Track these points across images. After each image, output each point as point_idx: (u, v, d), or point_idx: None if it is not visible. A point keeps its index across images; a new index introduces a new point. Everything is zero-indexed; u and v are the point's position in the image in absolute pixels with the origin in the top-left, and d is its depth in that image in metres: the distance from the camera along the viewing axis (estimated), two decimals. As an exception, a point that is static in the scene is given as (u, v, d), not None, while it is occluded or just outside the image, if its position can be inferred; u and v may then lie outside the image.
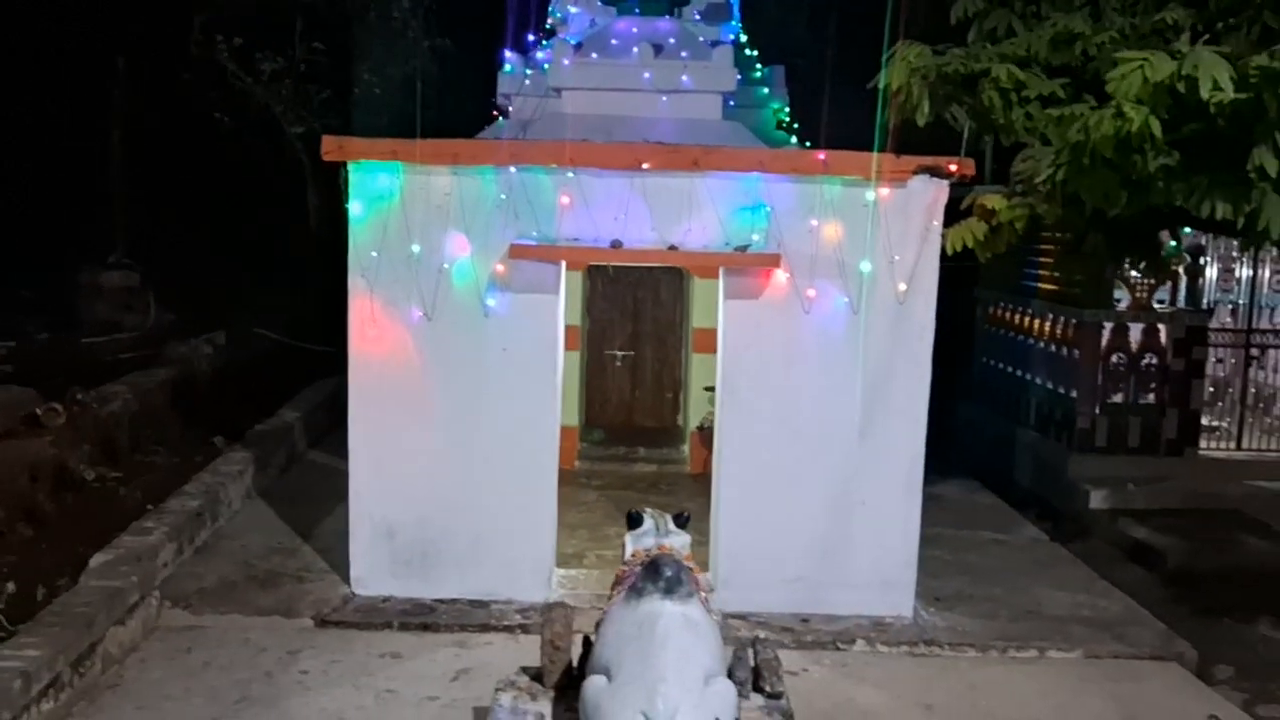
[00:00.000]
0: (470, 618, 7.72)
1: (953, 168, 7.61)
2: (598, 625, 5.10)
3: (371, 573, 7.98)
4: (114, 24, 16.23)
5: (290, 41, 15.48)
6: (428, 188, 7.59)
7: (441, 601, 7.90)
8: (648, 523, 5.50)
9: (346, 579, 8.10)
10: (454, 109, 14.25)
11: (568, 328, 12.03)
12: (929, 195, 7.70)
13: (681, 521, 5.60)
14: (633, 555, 5.34)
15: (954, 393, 15.44)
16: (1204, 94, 5.72)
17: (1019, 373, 13.43)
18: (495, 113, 12.30)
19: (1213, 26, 6.87)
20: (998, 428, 13.72)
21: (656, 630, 4.63)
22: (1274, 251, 11.80)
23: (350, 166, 7.59)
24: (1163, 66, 5.84)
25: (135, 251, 18.06)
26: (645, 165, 7.55)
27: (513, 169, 7.55)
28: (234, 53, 15.26)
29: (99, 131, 18.23)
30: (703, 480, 9.96)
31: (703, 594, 5.22)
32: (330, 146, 7.51)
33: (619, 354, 13.17)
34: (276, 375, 14.38)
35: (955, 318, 15.89)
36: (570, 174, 7.56)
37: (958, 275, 14.63)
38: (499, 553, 7.91)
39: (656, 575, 4.89)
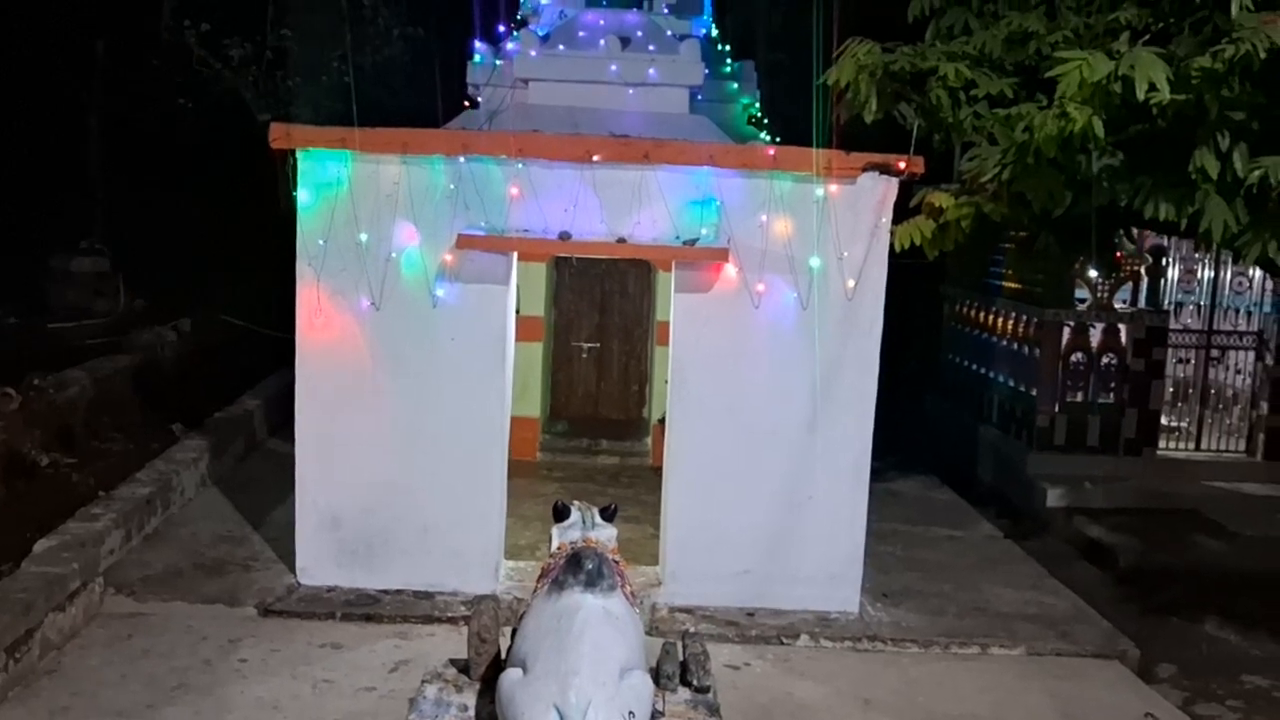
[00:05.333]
0: (414, 609, 7.70)
1: (902, 165, 7.61)
2: (520, 617, 5.11)
3: (317, 562, 7.96)
4: (84, 8, 16.12)
5: (259, 28, 15.39)
6: (376, 176, 7.56)
7: (386, 592, 7.89)
8: (574, 515, 5.50)
9: (293, 568, 8.07)
10: (425, 98, 14.20)
11: (533, 319, 12.19)
12: (878, 192, 7.70)
13: (609, 514, 5.60)
14: (558, 548, 5.35)
15: (921, 389, 15.53)
16: (1139, 94, 5.73)
17: (982, 370, 13.49)
18: (466, 103, 12.29)
19: (1166, 26, 6.88)
20: (961, 424, 13.79)
21: (574, 623, 4.63)
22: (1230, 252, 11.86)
23: (298, 154, 7.56)
24: (1100, 66, 5.85)
25: (107, 237, 18.00)
26: (595, 157, 7.53)
27: (462, 159, 7.53)
28: (202, 39, 15.16)
29: (71, 117, 18.13)
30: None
31: (628, 587, 5.23)
32: (278, 134, 7.47)
33: (585, 346, 13.17)
34: (242, 362, 14.35)
35: (923, 314, 16.01)
36: (520, 165, 7.54)
37: (926, 272, 14.72)
38: (445, 544, 7.89)
39: (578, 568, 4.89)
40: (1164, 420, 12.29)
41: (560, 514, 5.56)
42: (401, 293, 7.69)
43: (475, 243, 7.52)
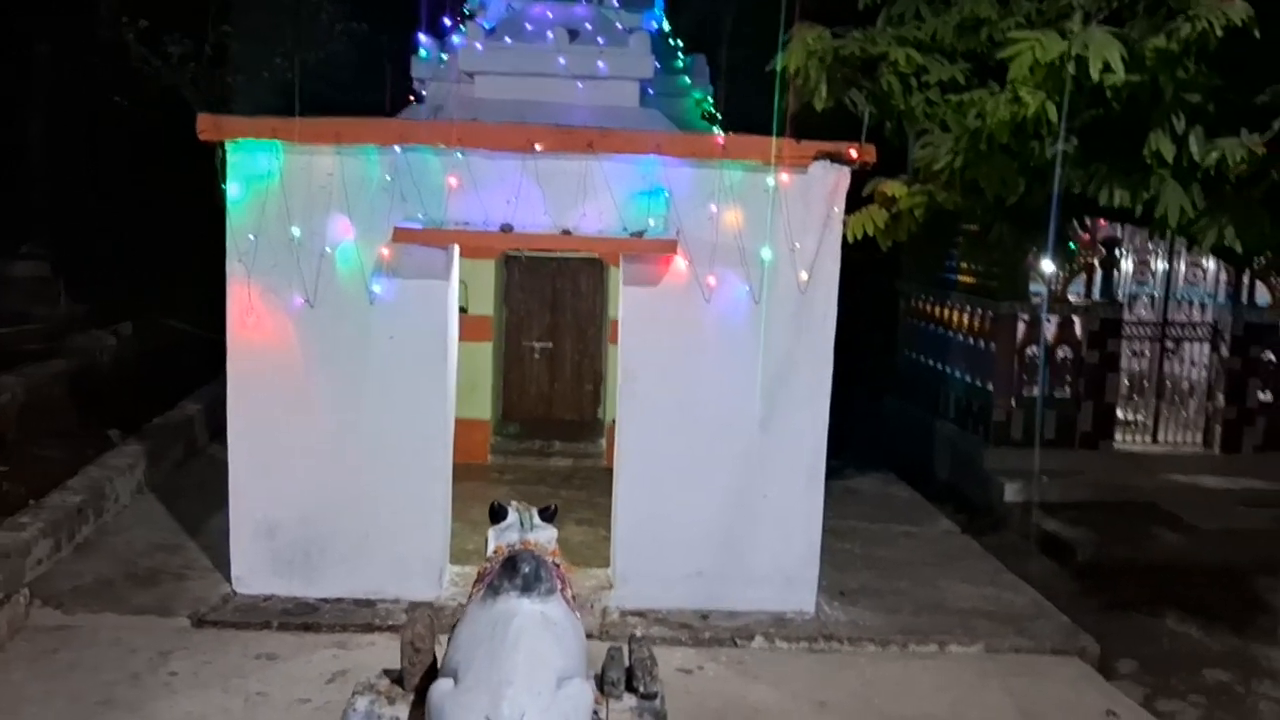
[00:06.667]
0: (354, 617, 7.42)
1: (854, 154, 7.43)
2: (454, 626, 4.85)
3: (253, 571, 7.66)
4: (19, 7, 15.68)
5: (200, 24, 15.02)
6: (309, 168, 7.27)
7: (326, 601, 7.59)
8: (512, 516, 5.24)
9: (229, 577, 7.76)
10: (371, 95, 13.90)
11: (482, 318, 11.92)
12: (830, 182, 7.52)
13: (548, 515, 5.34)
14: (495, 551, 5.10)
15: (879, 387, 15.41)
16: (1093, 74, 5.59)
17: (939, 365, 13.37)
18: (412, 98, 12.01)
19: (1118, 9, 6.75)
20: (918, 420, 13.66)
21: (509, 630, 4.39)
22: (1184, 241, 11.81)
23: (228, 146, 7.27)
24: (1053, 46, 5.70)
25: (47, 241, 17.55)
26: (538, 147, 7.29)
27: (398, 149, 7.26)
28: (141, 35, 14.75)
29: (9, 118, 17.66)
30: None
31: (569, 591, 4.99)
32: (206, 125, 7.17)
33: (537, 345, 12.94)
34: (185, 366, 13.98)
35: (881, 312, 15.89)
36: (459, 155, 7.29)
37: (883, 268, 14.59)
38: (387, 550, 7.61)
39: (514, 572, 4.65)
40: (1120, 414, 12.23)
41: (497, 515, 5.30)
42: (337, 289, 7.41)
43: (412, 236, 7.25)
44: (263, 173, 7.27)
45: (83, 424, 11.41)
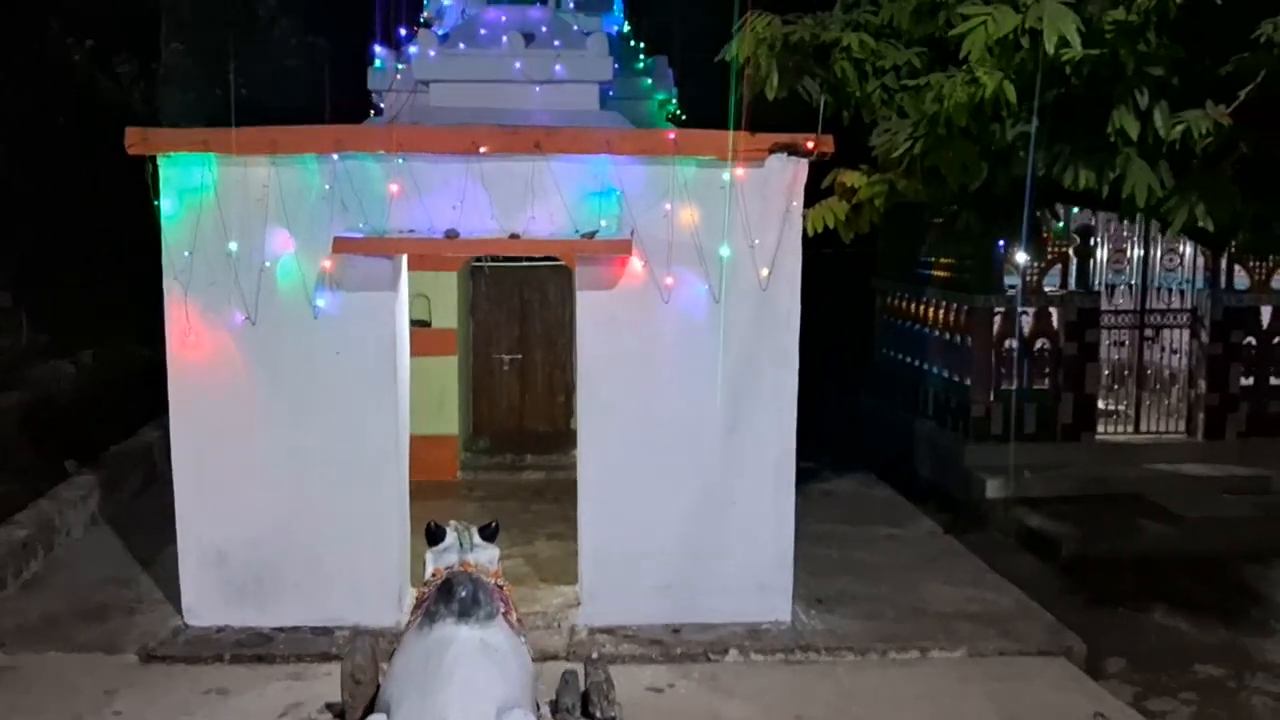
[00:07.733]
0: (310, 647, 7.10)
1: (810, 145, 7.18)
2: (391, 655, 4.56)
3: (204, 601, 7.34)
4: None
5: (150, 43, 14.71)
6: (245, 180, 6.98)
7: (281, 630, 7.28)
8: (450, 537, 4.96)
9: (180, 609, 7.45)
10: (331, 110, 13.63)
11: (446, 332, 11.63)
12: (788, 175, 7.26)
13: (489, 533, 5.06)
14: (433, 574, 4.81)
15: (857, 386, 15.16)
16: (1049, 48, 5.33)
17: (916, 362, 13.13)
18: (372, 111, 11.78)
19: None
20: (897, 419, 13.42)
21: (445, 659, 4.09)
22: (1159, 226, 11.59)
23: (160, 160, 6.98)
24: (1006, 21, 5.45)
25: (8, 270, 17.18)
26: (482, 149, 7.02)
27: (336, 157, 6.97)
28: (89, 55, 14.43)
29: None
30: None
31: (512, 615, 4.70)
32: (134, 139, 6.86)
33: (506, 358, 12.67)
34: (146, 393, 13.62)
35: (858, 311, 15.64)
36: (400, 160, 7.01)
37: (857, 264, 14.36)
38: (342, 575, 7.30)
39: (450, 596, 4.35)
40: (1101, 404, 12.00)
41: (434, 536, 5.02)
42: (278, 305, 7.11)
43: (353, 246, 6.96)
44: (196, 186, 6.98)
45: (38, 456, 11.08)
